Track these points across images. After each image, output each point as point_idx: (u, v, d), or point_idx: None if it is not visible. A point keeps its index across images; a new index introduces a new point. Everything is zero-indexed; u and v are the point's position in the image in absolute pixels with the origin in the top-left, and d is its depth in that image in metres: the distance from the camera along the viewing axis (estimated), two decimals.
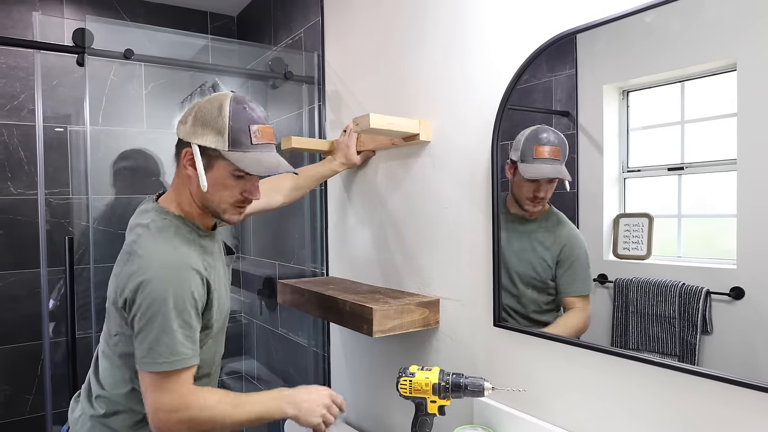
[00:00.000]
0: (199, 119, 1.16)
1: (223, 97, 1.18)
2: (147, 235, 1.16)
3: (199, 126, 1.16)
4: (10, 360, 2.34)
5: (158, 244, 1.15)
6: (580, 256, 1.12)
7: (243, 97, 1.21)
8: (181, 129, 1.20)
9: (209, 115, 1.16)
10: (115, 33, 1.88)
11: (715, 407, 0.89)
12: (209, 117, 1.16)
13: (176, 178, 1.25)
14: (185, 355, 1.12)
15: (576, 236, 1.11)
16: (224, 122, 1.15)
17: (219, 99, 1.18)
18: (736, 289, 0.85)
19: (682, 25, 0.91)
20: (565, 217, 1.13)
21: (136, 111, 2.37)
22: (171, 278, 1.11)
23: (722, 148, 0.87)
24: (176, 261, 1.14)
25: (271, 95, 2.33)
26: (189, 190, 1.22)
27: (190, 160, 1.17)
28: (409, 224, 1.59)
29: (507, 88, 1.22)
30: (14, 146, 2.33)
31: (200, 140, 1.16)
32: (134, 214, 1.26)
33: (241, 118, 1.16)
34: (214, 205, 1.21)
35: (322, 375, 2.10)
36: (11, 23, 2.35)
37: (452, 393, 1.17)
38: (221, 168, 1.17)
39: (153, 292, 1.09)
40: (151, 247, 1.14)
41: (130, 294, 1.10)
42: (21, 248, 2.34)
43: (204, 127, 1.16)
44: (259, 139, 1.18)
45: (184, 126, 1.19)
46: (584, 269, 1.09)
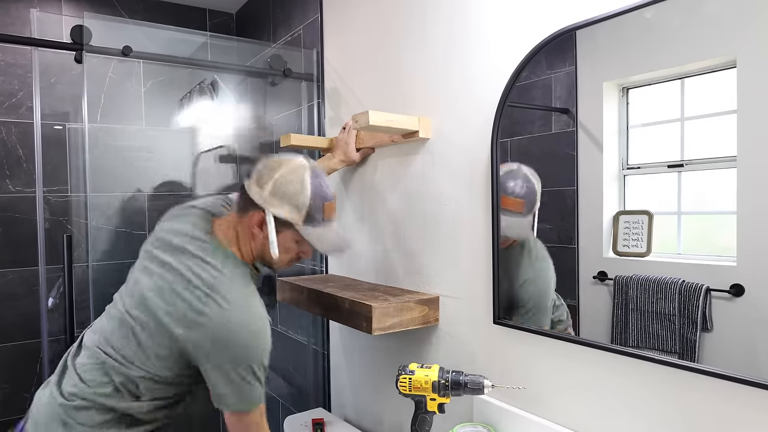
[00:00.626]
0: (280, 191, 1.20)
1: (303, 170, 1.22)
2: (222, 279, 1.17)
3: (278, 198, 1.20)
4: (8, 358, 2.34)
5: (241, 291, 1.19)
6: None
7: (319, 170, 1.27)
8: (257, 192, 1.22)
9: (291, 189, 1.20)
10: (114, 30, 1.87)
11: (716, 404, 0.89)
12: (291, 191, 1.20)
13: (238, 225, 1.26)
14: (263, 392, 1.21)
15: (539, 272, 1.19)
16: (305, 199, 1.21)
17: (299, 171, 1.22)
18: (736, 286, 0.85)
19: (682, 22, 0.91)
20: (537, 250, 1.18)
21: (134, 109, 2.36)
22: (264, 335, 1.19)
23: (722, 145, 0.87)
24: (263, 315, 1.20)
25: (270, 92, 2.32)
26: (250, 243, 1.25)
27: (260, 225, 1.22)
28: (408, 222, 1.59)
29: (506, 85, 1.22)
30: (12, 144, 2.33)
31: (277, 210, 1.21)
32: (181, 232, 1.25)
33: (319, 196, 1.23)
34: (271, 261, 1.27)
35: (322, 373, 2.10)
36: (9, 20, 2.34)
37: (452, 391, 1.17)
38: (288, 236, 1.24)
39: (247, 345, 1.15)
40: (237, 294, 1.17)
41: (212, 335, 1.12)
42: (20, 246, 2.34)
43: (283, 200, 1.20)
44: (329, 216, 1.26)
45: (262, 191, 1.21)
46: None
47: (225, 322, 1.13)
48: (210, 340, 1.13)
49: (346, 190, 1.91)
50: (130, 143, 2.29)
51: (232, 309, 1.14)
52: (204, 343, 1.13)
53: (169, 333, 1.14)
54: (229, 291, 1.16)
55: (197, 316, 1.13)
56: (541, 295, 1.20)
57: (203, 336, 1.13)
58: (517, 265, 1.23)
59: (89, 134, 1.95)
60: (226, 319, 1.13)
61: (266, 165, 1.24)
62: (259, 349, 1.17)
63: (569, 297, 1.12)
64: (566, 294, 1.13)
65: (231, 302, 1.15)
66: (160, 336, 1.15)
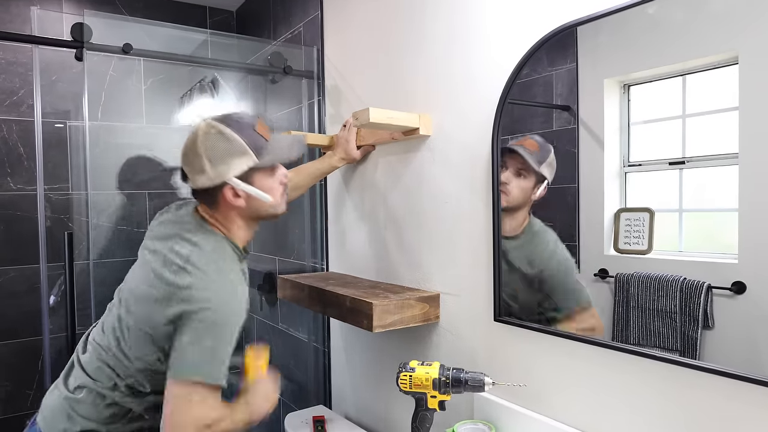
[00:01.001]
0: (216, 158, 1.17)
1: (212, 127, 1.19)
2: (200, 253, 1.16)
3: (221, 163, 1.18)
4: (10, 356, 2.34)
5: (216, 264, 1.16)
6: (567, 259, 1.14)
7: (223, 114, 1.23)
8: (203, 178, 1.19)
9: (221, 149, 1.18)
10: (114, 28, 1.87)
11: (717, 402, 0.89)
12: (224, 150, 1.18)
13: (217, 214, 1.25)
14: (225, 374, 1.15)
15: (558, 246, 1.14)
16: (239, 144, 1.18)
17: (213, 130, 1.18)
18: (738, 283, 0.85)
19: (684, 18, 0.90)
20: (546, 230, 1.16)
21: (135, 107, 2.36)
22: (233, 309, 1.14)
23: (724, 142, 0.87)
24: (236, 294, 1.16)
25: (270, 90, 2.32)
26: (236, 214, 1.24)
27: (235, 194, 1.20)
28: (409, 219, 1.59)
29: (507, 82, 1.21)
30: (14, 142, 2.33)
31: (233, 172, 1.18)
32: (167, 219, 1.28)
33: (245, 129, 1.20)
34: (267, 208, 1.26)
35: (322, 370, 2.10)
36: (9, 18, 2.34)
37: (452, 388, 1.17)
38: (260, 177, 1.22)
39: (214, 316, 1.11)
40: (211, 268, 1.15)
41: (186, 307, 1.11)
42: (21, 244, 2.34)
43: (226, 161, 1.18)
44: (267, 132, 1.24)
45: (205, 174, 1.18)
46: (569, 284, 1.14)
47: (196, 290, 1.11)
48: (184, 309, 1.11)
49: (346, 187, 1.91)
50: (131, 141, 2.28)
51: (205, 277, 1.12)
52: (180, 313, 1.11)
53: (157, 315, 1.13)
54: (205, 263, 1.14)
55: (173, 289, 1.12)
56: (567, 275, 1.15)
57: (179, 307, 1.11)
58: (530, 255, 1.22)
59: (90, 132, 1.94)
60: (197, 286, 1.11)
61: (185, 155, 1.21)
62: (229, 319, 1.13)
63: None
64: None
65: (205, 272, 1.13)
66: (150, 322, 1.14)
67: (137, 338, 1.17)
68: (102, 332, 1.24)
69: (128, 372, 1.18)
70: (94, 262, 1.85)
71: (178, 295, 1.11)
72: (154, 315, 1.14)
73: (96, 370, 1.19)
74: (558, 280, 1.16)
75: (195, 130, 1.21)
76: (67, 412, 1.17)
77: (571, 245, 1.10)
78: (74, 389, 1.20)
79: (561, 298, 1.16)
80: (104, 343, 1.21)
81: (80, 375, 1.21)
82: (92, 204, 1.94)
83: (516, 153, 1.20)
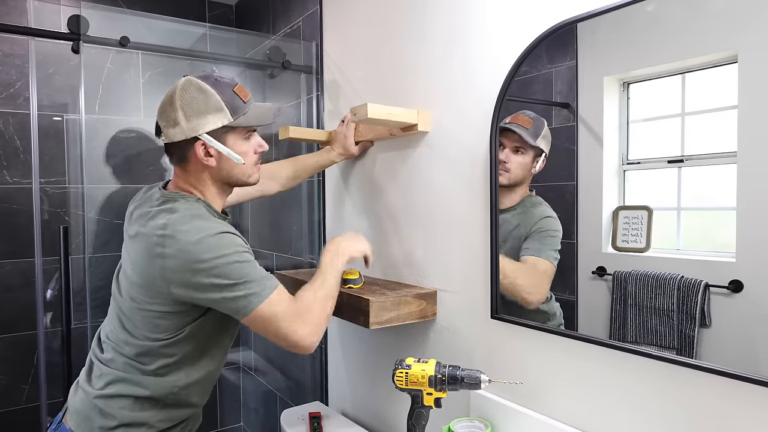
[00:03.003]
0: (191, 111, 1.17)
1: (191, 82, 1.19)
2: (178, 217, 1.14)
3: (195, 117, 1.17)
4: (6, 350, 2.33)
5: (195, 221, 1.14)
6: (548, 230, 1.17)
7: (205, 72, 1.24)
8: (176, 131, 1.18)
9: (198, 102, 1.17)
10: (112, 20, 1.85)
11: (713, 400, 0.89)
12: (200, 104, 1.18)
13: (186, 174, 1.25)
14: (267, 274, 1.18)
15: (548, 217, 1.17)
16: (216, 99, 1.18)
17: (192, 85, 1.19)
18: (735, 282, 0.85)
19: (684, 15, 0.90)
20: (543, 201, 1.17)
21: (133, 100, 2.35)
22: (225, 239, 1.14)
23: (722, 140, 0.86)
24: (218, 227, 1.16)
25: (269, 84, 2.31)
26: (208, 175, 1.24)
27: (207, 152, 1.20)
28: (406, 215, 1.59)
29: (506, 79, 1.21)
30: (10, 135, 2.32)
31: (207, 127, 1.18)
32: (139, 202, 1.27)
33: (223, 88, 1.20)
34: (238, 174, 1.25)
35: (319, 366, 2.10)
36: (6, 10, 2.32)
37: (448, 385, 1.17)
38: (234, 138, 1.22)
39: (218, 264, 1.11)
40: (192, 225, 1.13)
41: (189, 277, 1.11)
42: (17, 237, 2.33)
43: (200, 116, 1.17)
44: (245, 95, 1.23)
45: (178, 126, 1.18)
46: (549, 239, 1.16)
47: (183, 246, 1.11)
48: (182, 270, 1.11)
49: (344, 183, 1.90)
50: (128, 134, 2.27)
51: (188, 236, 1.11)
52: (180, 277, 1.11)
53: (162, 292, 1.14)
54: (183, 222, 1.13)
55: (163, 260, 1.11)
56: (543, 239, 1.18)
57: (176, 272, 1.11)
58: (520, 221, 1.23)
59: (87, 125, 1.94)
60: (183, 243, 1.11)
61: (162, 109, 1.21)
62: (225, 249, 1.12)
63: (568, 292, 1.12)
64: (565, 289, 1.13)
65: (186, 231, 1.12)
66: (161, 300, 1.15)
67: (149, 319, 1.17)
68: (110, 328, 1.25)
69: (146, 351, 1.18)
70: (89, 256, 1.84)
71: (171, 266, 1.11)
72: (160, 293, 1.14)
73: (123, 364, 1.20)
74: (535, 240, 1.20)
75: (174, 85, 1.21)
76: (100, 410, 1.18)
77: (569, 242, 1.10)
78: (105, 384, 1.20)
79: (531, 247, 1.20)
80: (115, 337, 1.22)
81: (108, 371, 1.21)
82: (88, 198, 1.93)
83: (511, 131, 1.21)
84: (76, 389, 1.26)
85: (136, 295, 1.17)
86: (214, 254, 1.11)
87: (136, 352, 1.19)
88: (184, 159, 1.22)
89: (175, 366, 1.21)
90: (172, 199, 1.20)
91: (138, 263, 1.16)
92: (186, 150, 1.21)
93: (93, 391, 1.20)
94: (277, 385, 2.43)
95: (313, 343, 1.21)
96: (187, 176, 1.25)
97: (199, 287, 1.12)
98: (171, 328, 1.18)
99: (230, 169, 1.24)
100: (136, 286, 1.17)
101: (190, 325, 1.19)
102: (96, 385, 1.21)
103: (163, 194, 1.22)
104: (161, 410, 1.22)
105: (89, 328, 1.70)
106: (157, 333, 1.18)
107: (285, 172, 1.66)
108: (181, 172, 1.25)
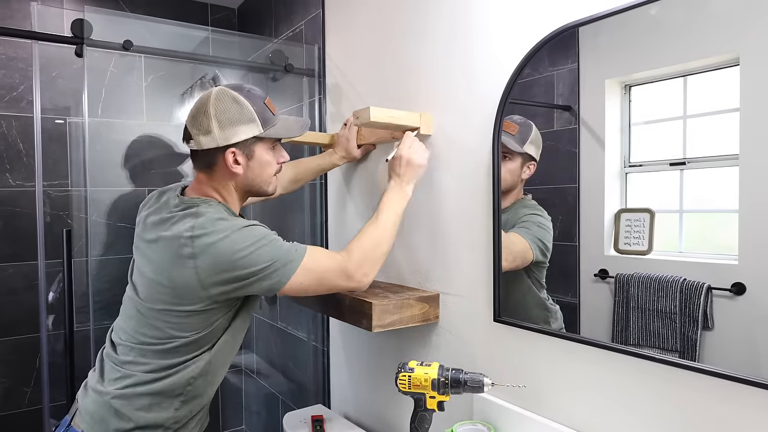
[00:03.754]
0: (226, 121, 1.21)
1: (225, 92, 1.24)
2: (204, 220, 1.18)
3: (229, 127, 1.21)
4: (8, 352, 2.34)
5: (220, 223, 1.19)
6: (534, 221, 1.19)
7: (236, 83, 1.30)
8: (208, 139, 1.22)
9: (232, 113, 1.22)
10: (115, 24, 1.86)
11: (716, 404, 0.89)
12: (233, 114, 1.22)
13: (211, 180, 1.28)
14: (298, 245, 1.25)
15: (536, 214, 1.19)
16: (249, 110, 1.23)
17: (226, 95, 1.23)
18: (738, 284, 0.85)
19: (686, 19, 0.90)
20: (536, 204, 1.19)
21: (136, 103, 2.36)
22: (252, 230, 1.20)
23: (724, 143, 0.86)
24: (241, 222, 1.21)
25: (271, 88, 2.32)
26: (233, 183, 1.29)
27: (236, 160, 1.24)
28: (408, 218, 1.59)
29: (508, 82, 1.21)
30: (13, 138, 2.32)
31: (239, 137, 1.22)
32: (154, 208, 1.29)
33: (255, 100, 1.25)
34: (260, 183, 1.31)
35: (322, 369, 2.10)
36: (10, 13, 2.34)
37: (451, 389, 1.16)
38: (261, 149, 1.28)
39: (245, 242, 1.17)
40: (217, 227, 1.17)
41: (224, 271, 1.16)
42: (20, 240, 2.34)
43: (234, 125, 1.22)
44: (274, 108, 1.30)
45: (210, 135, 1.21)
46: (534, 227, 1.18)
47: (214, 244, 1.15)
48: (216, 267, 1.15)
49: (347, 186, 1.90)
50: (131, 138, 2.28)
51: (214, 233, 1.16)
52: (216, 276, 1.16)
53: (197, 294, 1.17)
54: (210, 224, 1.17)
55: (195, 260, 1.15)
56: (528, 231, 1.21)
57: (211, 271, 1.15)
58: (509, 220, 1.25)
59: (90, 128, 1.94)
60: (213, 242, 1.15)
61: (194, 116, 1.24)
62: (253, 239, 1.18)
63: (570, 295, 1.12)
64: (567, 292, 1.13)
65: (214, 231, 1.16)
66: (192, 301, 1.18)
67: (178, 319, 1.19)
68: (124, 329, 1.26)
69: (177, 351, 1.21)
70: (92, 259, 1.84)
71: (205, 265, 1.15)
72: (193, 294, 1.17)
73: (143, 364, 1.21)
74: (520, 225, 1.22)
75: (208, 93, 1.25)
76: (116, 411, 1.19)
77: (571, 245, 1.10)
78: (123, 387, 1.21)
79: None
80: (130, 337, 1.23)
81: (126, 372, 1.22)
82: (91, 201, 1.93)
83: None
84: (86, 392, 1.26)
85: (162, 297, 1.19)
86: (245, 244, 1.16)
87: (158, 350, 1.21)
88: (212, 165, 1.26)
89: (197, 359, 1.23)
90: (194, 204, 1.23)
91: (163, 266, 1.19)
92: (215, 157, 1.25)
93: (109, 392, 1.21)
94: (280, 387, 2.43)
95: (366, 283, 1.29)
96: (211, 182, 1.28)
97: (237, 279, 1.17)
98: (200, 325, 1.21)
99: (254, 178, 1.29)
100: (161, 287, 1.19)
101: (219, 320, 1.23)
102: (112, 386, 1.22)
103: (182, 200, 1.25)
104: (177, 409, 1.24)
105: (92, 331, 1.70)
106: (184, 331, 1.20)
107: (286, 176, 1.66)
108: (206, 178, 1.28)
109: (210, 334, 1.23)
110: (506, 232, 1.24)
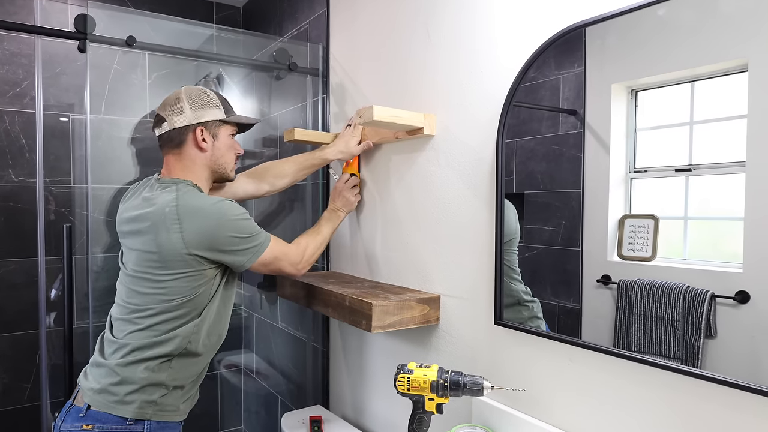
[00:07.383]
0: (197, 104, 1.40)
1: (191, 86, 1.44)
2: (184, 192, 1.30)
3: (200, 109, 1.40)
4: (8, 348, 2.34)
5: (200, 196, 1.32)
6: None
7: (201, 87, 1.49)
8: (181, 118, 1.38)
9: (201, 98, 1.41)
10: (118, 20, 1.86)
11: (718, 411, 0.88)
12: (203, 100, 1.41)
13: (179, 160, 1.41)
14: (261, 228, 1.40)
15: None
16: (215, 99, 1.44)
17: (193, 88, 1.43)
18: (742, 293, 0.84)
19: (694, 23, 0.89)
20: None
21: (139, 101, 2.35)
22: (232, 204, 1.34)
23: (731, 150, 0.86)
24: (220, 197, 1.35)
25: (275, 86, 2.31)
26: (200, 161, 1.42)
27: (203, 137, 1.40)
28: (410, 219, 1.58)
29: (513, 84, 1.21)
30: (16, 134, 2.32)
31: (208, 116, 1.41)
32: (130, 195, 1.42)
33: (218, 95, 1.46)
34: (224, 165, 1.46)
35: (321, 370, 2.10)
36: (14, 9, 2.33)
37: (450, 391, 1.16)
38: (224, 133, 1.45)
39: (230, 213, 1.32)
40: (198, 197, 1.32)
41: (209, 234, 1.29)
42: (22, 236, 2.34)
43: (203, 107, 1.40)
44: (232, 104, 1.51)
45: (184, 114, 1.39)
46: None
47: (201, 210, 1.29)
48: (203, 230, 1.28)
49: None
50: (134, 135, 2.28)
51: (199, 200, 1.30)
52: (201, 237, 1.28)
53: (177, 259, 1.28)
54: (191, 196, 1.31)
55: (180, 224, 1.27)
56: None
57: (197, 233, 1.28)
58: None
59: (92, 125, 1.94)
60: (199, 208, 1.29)
61: (165, 104, 1.40)
62: (237, 210, 1.33)
63: (572, 299, 1.11)
64: (569, 296, 1.12)
65: (197, 199, 1.31)
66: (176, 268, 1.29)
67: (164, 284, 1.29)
68: (123, 302, 1.34)
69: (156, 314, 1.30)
70: (93, 256, 1.84)
71: (192, 228, 1.27)
72: (178, 257, 1.27)
73: (137, 332, 1.30)
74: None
75: (177, 89, 1.43)
76: (119, 375, 1.28)
77: (574, 250, 1.09)
78: (123, 355, 1.30)
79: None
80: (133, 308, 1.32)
81: (123, 343, 1.31)
82: (93, 198, 1.93)
83: None
84: (86, 375, 1.36)
85: (149, 264, 1.30)
86: (231, 214, 1.31)
87: (149, 314, 1.30)
88: (181, 144, 1.40)
89: (186, 325, 1.33)
90: (172, 182, 1.35)
91: (149, 235, 1.29)
92: (185, 134, 1.39)
93: (111, 362, 1.30)
94: (279, 388, 2.42)
95: (302, 274, 1.51)
96: (180, 162, 1.41)
97: (220, 243, 1.30)
98: (184, 291, 1.31)
99: (218, 158, 1.44)
100: (149, 255, 1.29)
101: (202, 288, 1.33)
102: (112, 357, 1.32)
103: (160, 180, 1.38)
104: (177, 370, 1.34)
105: (91, 328, 1.70)
106: (170, 295, 1.30)
107: (272, 171, 1.69)
108: (175, 160, 1.41)
109: (195, 301, 1.33)
110: None
